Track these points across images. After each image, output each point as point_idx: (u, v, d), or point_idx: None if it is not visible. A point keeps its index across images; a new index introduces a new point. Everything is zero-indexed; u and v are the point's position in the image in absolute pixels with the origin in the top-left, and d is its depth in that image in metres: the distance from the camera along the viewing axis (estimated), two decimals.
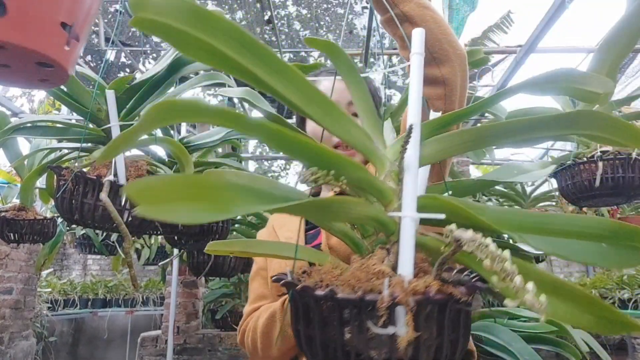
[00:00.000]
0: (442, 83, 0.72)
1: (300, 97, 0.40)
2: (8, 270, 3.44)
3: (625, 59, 1.29)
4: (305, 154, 0.40)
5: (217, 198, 0.32)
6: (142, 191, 0.28)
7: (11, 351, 3.42)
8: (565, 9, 1.95)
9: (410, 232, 0.38)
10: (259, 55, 0.37)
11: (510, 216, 0.40)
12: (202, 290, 3.92)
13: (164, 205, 0.28)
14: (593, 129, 0.39)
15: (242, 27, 0.37)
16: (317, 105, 0.42)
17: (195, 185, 0.31)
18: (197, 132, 2.11)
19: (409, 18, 0.71)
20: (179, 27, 0.34)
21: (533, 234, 0.38)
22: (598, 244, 0.37)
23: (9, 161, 1.75)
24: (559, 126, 0.40)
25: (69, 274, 6.71)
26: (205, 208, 0.30)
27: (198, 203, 0.30)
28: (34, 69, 0.44)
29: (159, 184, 0.29)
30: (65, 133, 1.17)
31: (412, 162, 0.42)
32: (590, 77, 0.41)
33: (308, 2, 4.07)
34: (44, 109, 4.71)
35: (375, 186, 0.43)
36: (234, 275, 2.14)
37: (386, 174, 0.45)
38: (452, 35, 0.72)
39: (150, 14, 0.33)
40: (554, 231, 0.38)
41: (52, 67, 0.44)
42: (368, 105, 0.53)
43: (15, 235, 1.71)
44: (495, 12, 5.65)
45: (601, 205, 1.64)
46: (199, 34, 0.35)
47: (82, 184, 0.98)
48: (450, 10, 2.35)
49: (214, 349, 3.67)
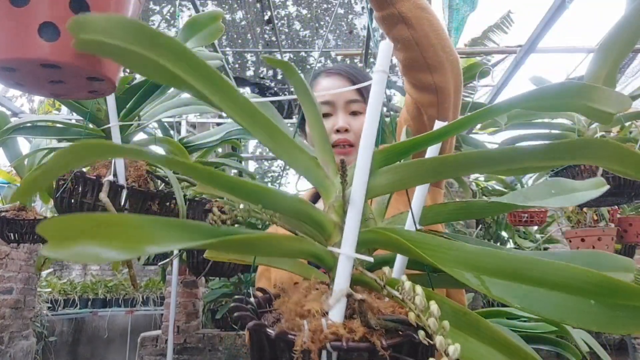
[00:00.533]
0: (434, 90, 0.70)
1: (244, 118, 0.39)
2: (8, 270, 3.44)
3: (625, 59, 1.29)
4: (228, 187, 0.37)
5: (128, 236, 0.30)
6: (51, 230, 0.27)
7: (11, 351, 3.42)
8: (565, 9, 1.95)
9: (346, 272, 0.36)
10: (203, 73, 0.36)
11: (477, 256, 0.34)
12: (202, 290, 3.92)
13: (71, 246, 0.28)
14: (599, 160, 0.33)
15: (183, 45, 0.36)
16: (260, 129, 0.40)
17: (106, 223, 0.30)
18: (197, 132, 2.12)
19: (405, 19, 0.67)
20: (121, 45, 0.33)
21: (500, 279, 0.32)
22: (585, 301, 0.30)
23: (9, 161, 1.75)
24: (553, 157, 0.34)
25: (69, 274, 6.71)
26: (114, 247, 0.29)
27: (107, 242, 0.29)
28: (85, 84, 0.49)
29: (68, 222, 0.28)
30: (65, 133, 1.17)
31: (358, 193, 0.38)
32: (607, 94, 0.34)
33: (308, 2, 4.07)
34: (44, 109, 4.71)
35: (314, 218, 0.40)
36: (234, 275, 2.14)
37: (330, 205, 0.41)
38: (447, 40, 0.69)
39: (92, 34, 0.33)
40: (531, 279, 0.32)
41: (102, 81, 0.49)
42: (321, 129, 0.48)
43: (15, 235, 1.71)
44: (495, 12, 5.65)
45: (601, 205, 1.64)
46: (141, 50, 0.34)
47: (81, 184, 0.98)
48: (450, 10, 2.35)
49: (214, 348, 3.68)
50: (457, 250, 0.35)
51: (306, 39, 4.43)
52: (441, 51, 0.68)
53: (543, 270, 0.32)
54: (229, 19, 3.99)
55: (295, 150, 0.42)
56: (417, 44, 0.68)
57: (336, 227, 0.40)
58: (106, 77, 0.48)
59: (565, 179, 0.46)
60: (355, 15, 3.93)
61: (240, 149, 1.96)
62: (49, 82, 0.48)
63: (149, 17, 4.11)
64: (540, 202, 0.44)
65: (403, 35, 0.68)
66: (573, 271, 0.31)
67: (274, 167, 8.07)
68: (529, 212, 2.55)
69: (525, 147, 0.34)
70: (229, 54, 4.55)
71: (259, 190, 0.38)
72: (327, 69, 0.94)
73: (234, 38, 4.25)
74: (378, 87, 0.41)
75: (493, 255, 0.33)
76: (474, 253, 0.34)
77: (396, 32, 0.69)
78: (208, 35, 1.08)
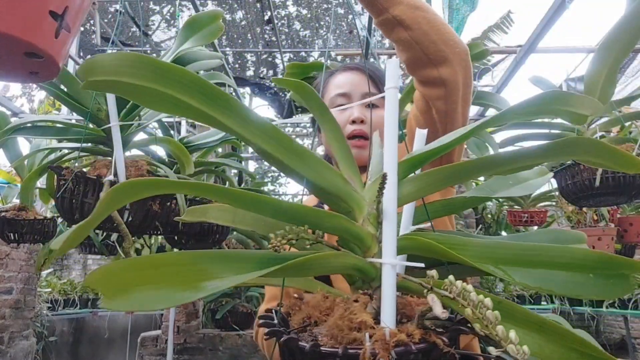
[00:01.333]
0: (441, 84, 0.70)
1: (269, 144, 0.40)
2: (8, 270, 3.44)
3: (625, 59, 1.29)
4: (274, 212, 0.39)
5: (185, 275, 0.30)
6: (100, 283, 0.26)
7: (11, 351, 3.42)
8: (565, 9, 1.95)
9: (391, 280, 0.37)
10: (224, 104, 0.37)
11: (493, 249, 0.38)
12: None
13: (127, 294, 0.27)
14: (585, 155, 0.39)
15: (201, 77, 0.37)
16: (285, 150, 0.41)
17: (154, 265, 0.29)
18: (197, 132, 2.12)
19: (401, 22, 0.68)
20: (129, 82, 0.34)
21: (517, 266, 0.37)
22: (586, 275, 0.36)
23: (9, 161, 1.75)
24: (547, 156, 0.39)
25: (69, 274, 6.71)
26: (174, 288, 0.28)
27: (164, 284, 0.28)
28: (22, 60, 0.42)
29: (114, 271, 0.27)
30: (65, 133, 1.17)
31: (391, 205, 0.40)
32: (580, 99, 0.41)
33: (308, 2, 4.07)
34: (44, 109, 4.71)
35: (353, 232, 0.42)
36: None
37: (364, 218, 0.43)
38: (449, 34, 0.69)
39: (102, 76, 0.34)
40: (541, 263, 0.37)
41: (42, 58, 0.42)
42: (344, 145, 0.50)
43: (15, 235, 1.71)
44: (495, 12, 5.66)
45: (601, 204, 1.64)
46: (155, 86, 0.35)
47: (82, 183, 0.98)
48: (450, 10, 2.35)
49: (214, 348, 3.68)
50: (478, 245, 0.38)
51: (306, 39, 4.43)
52: (443, 45, 0.68)
53: (550, 255, 0.37)
54: (229, 19, 3.99)
55: (324, 168, 0.43)
56: (417, 43, 0.68)
57: (373, 238, 0.42)
58: (44, 52, 0.41)
59: (517, 172, 0.54)
60: (355, 15, 3.93)
61: (240, 149, 1.96)
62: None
63: (149, 17, 4.11)
64: (506, 192, 0.52)
65: (402, 37, 0.69)
66: (574, 252, 0.36)
67: (273, 167, 8.06)
68: (529, 212, 2.55)
69: (526, 148, 0.38)
70: (229, 54, 4.55)
71: (305, 212, 0.40)
72: (346, 65, 0.94)
73: (234, 38, 4.25)
74: (392, 103, 0.42)
75: (506, 247, 0.38)
76: (491, 247, 0.38)
77: (395, 35, 0.70)
78: (208, 34, 1.08)
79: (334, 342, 0.35)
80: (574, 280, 0.36)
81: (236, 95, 2.76)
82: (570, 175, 1.48)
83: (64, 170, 1.01)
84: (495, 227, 3.87)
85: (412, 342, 0.33)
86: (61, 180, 1.01)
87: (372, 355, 0.31)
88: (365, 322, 0.35)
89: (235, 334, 3.69)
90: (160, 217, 1.06)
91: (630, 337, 3.93)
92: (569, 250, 0.37)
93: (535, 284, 0.36)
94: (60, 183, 1.01)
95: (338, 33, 4.27)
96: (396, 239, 0.39)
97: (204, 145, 1.41)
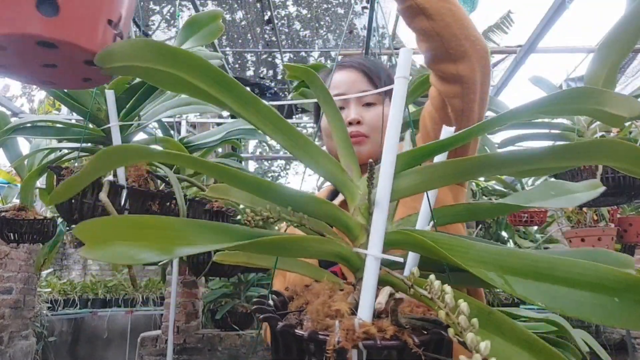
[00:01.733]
0: (458, 80, 0.68)
1: (266, 126, 0.41)
2: (8, 270, 3.44)
3: (625, 59, 1.29)
4: (260, 191, 0.40)
5: (162, 238, 0.31)
6: (87, 232, 0.29)
7: (11, 351, 3.42)
8: (565, 9, 1.95)
9: (373, 272, 0.36)
10: (227, 87, 0.39)
11: (500, 256, 0.34)
12: (202, 290, 3.92)
13: (105, 247, 0.29)
14: (612, 161, 0.34)
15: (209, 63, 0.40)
16: (283, 134, 0.41)
17: (140, 225, 0.31)
18: (197, 132, 2.11)
19: (424, 10, 0.66)
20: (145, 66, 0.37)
21: (525, 278, 0.32)
22: (609, 298, 0.30)
23: (9, 161, 1.75)
24: (566, 158, 0.35)
25: (68, 274, 6.71)
26: (149, 248, 0.30)
27: (142, 243, 0.30)
28: (81, 68, 0.45)
29: (104, 224, 0.30)
30: (65, 133, 1.17)
31: (383, 196, 0.39)
32: (615, 98, 0.35)
33: (308, 2, 4.07)
34: (44, 109, 4.71)
35: (341, 221, 0.41)
36: (234, 275, 2.14)
37: (355, 208, 0.42)
38: (472, 29, 0.67)
39: (121, 62, 0.38)
40: (554, 278, 0.32)
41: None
42: (344, 134, 0.50)
43: (15, 235, 1.71)
44: (495, 12, 5.65)
45: (601, 205, 1.64)
46: (168, 69, 0.38)
47: None
48: None
49: (213, 348, 3.67)
50: (480, 250, 0.35)
51: (306, 39, 4.43)
52: (464, 40, 0.66)
53: (566, 270, 0.32)
54: (229, 19, 3.99)
55: (319, 155, 0.43)
56: (438, 35, 0.66)
57: (362, 228, 0.41)
58: None
59: (563, 181, 0.47)
60: (355, 15, 3.93)
61: (240, 149, 1.96)
62: (42, 65, 0.44)
63: (149, 17, 4.11)
64: (542, 203, 0.44)
65: (423, 27, 0.67)
66: (597, 269, 0.31)
67: (274, 167, 8.07)
68: (529, 212, 2.55)
69: (540, 148, 0.35)
70: (229, 54, 4.55)
71: (297, 196, 0.39)
72: (340, 62, 0.93)
73: (234, 38, 4.25)
74: (400, 93, 0.41)
75: (515, 255, 0.34)
76: (497, 253, 0.34)
77: (416, 23, 0.68)
78: (208, 34, 1.08)
79: (313, 326, 0.35)
80: (593, 302, 0.30)
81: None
82: (570, 175, 1.48)
83: (64, 170, 1.01)
84: (495, 227, 3.87)
85: (383, 337, 0.32)
86: (61, 180, 1.01)
87: (338, 343, 0.31)
88: (340, 310, 0.35)
89: (234, 334, 3.68)
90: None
91: (630, 337, 3.93)
92: (593, 267, 0.31)
93: (541, 299, 0.31)
94: (60, 183, 1.01)
95: (338, 33, 4.27)
96: (384, 232, 0.38)
97: (204, 145, 1.41)
